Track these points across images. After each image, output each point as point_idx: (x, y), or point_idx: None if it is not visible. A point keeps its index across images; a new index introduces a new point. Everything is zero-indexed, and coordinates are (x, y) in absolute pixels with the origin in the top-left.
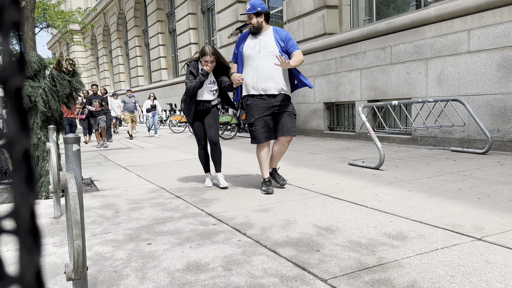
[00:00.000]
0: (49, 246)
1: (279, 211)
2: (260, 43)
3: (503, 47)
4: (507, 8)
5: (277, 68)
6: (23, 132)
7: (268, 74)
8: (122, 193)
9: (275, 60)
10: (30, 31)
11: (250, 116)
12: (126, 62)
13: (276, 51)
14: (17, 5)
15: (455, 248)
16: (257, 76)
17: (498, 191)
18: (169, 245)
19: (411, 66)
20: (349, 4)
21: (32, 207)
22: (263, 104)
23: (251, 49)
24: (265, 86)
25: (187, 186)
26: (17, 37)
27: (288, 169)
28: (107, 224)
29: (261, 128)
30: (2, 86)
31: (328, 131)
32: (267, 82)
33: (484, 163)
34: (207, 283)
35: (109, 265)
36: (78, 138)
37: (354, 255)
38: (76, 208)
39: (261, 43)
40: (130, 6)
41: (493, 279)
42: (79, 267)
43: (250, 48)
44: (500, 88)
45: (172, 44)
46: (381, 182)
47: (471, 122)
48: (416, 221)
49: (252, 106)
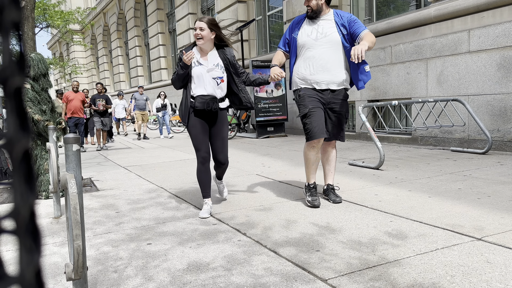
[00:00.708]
0: (49, 246)
1: (279, 211)
2: (318, 29)
3: (503, 47)
4: (507, 8)
5: (336, 58)
6: (23, 132)
7: (324, 65)
8: (122, 193)
9: (334, 49)
10: (30, 31)
11: (303, 107)
12: (126, 62)
13: (337, 39)
14: (17, 5)
15: (455, 248)
16: (311, 67)
17: (498, 191)
18: (170, 245)
19: (411, 66)
20: (349, 4)
21: (32, 207)
22: (318, 96)
23: (306, 35)
24: (319, 79)
25: (187, 186)
26: (17, 37)
27: (288, 169)
28: (107, 224)
29: (318, 119)
30: (2, 86)
31: None
32: (322, 74)
33: (484, 163)
34: (207, 283)
35: (109, 265)
36: (78, 138)
37: (354, 255)
38: (76, 208)
39: (319, 29)
40: (130, 6)
41: (493, 279)
42: (79, 267)
43: (306, 35)
44: (500, 88)
45: (172, 44)
46: (381, 182)
47: (471, 122)
48: (416, 221)
49: (306, 97)
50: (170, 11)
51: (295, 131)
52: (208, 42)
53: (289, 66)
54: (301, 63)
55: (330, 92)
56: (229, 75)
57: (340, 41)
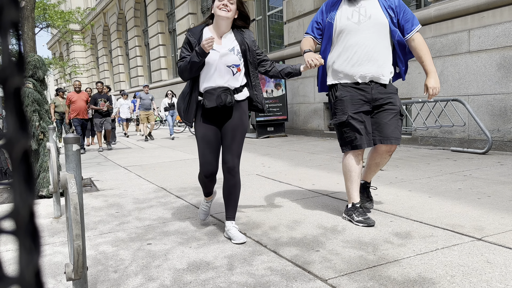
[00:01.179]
0: (49, 246)
1: (279, 211)
2: (360, 11)
3: (503, 47)
4: (507, 8)
5: (383, 45)
6: (23, 132)
7: (370, 54)
8: (122, 193)
9: (381, 34)
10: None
11: (341, 112)
12: (126, 62)
13: (384, 21)
14: (17, 5)
15: (455, 248)
16: (354, 57)
17: (498, 191)
18: (170, 245)
19: (411, 66)
20: None
21: (32, 207)
22: (360, 96)
23: (346, 19)
24: (364, 71)
25: (187, 186)
26: (16, 37)
27: (288, 169)
28: (107, 224)
29: (359, 128)
30: (1, 86)
31: (328, 131)
32: (368, 65)
33: (484, 163)
34: (208, 283)
35: (109, 265)
36: (78, 138)
37: (355, 255)
38: (76, 208)
39: (361, 10)
40: (130, 6)
41: (493, 279)
42: (79, 267)
43: (346, 18)
44: (500, 88)
45: (172, 44)
46: (381, 182)
47: (471, 122)
48: (416, 221)
49: (344, 99)
50: (170, 11)
51: (295, 131)
52: (230, 21)
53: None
54: (340, 53)
55: (377, 86)
56: (244, 65)
57: (388, 24)
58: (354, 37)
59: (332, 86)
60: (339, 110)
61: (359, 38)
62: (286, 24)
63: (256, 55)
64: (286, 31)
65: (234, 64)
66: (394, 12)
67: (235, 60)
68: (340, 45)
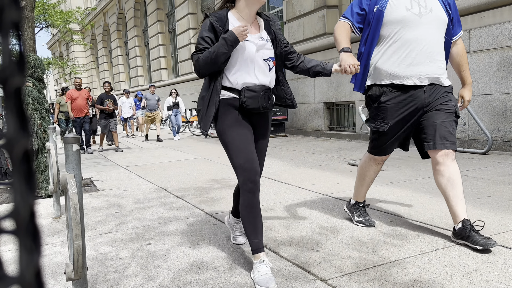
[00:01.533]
0: (49, 246)
1: (279, 211)
2: (420, 1)
3: (503, 47)
4: (507, 8)
5: (442, 44)
6: (23, 132)
7: (429, 52)
8: (122, 193)
9: (441, 31)
10: (30, 31)
11: (382, 120)
12: (126, 62)
13: (444, 16)
14: (17, 5)
15: (455, 248)
16: (412, 55)
17: (498, 191)
18: (170, 245)
19: None
20: (349, 4)
21: (32, 207)
22: (410, 104)
23: (405, 9)
24: (423, 72)
25: (187, 186)
26: (16, 37)
27: (288, 169)
28: (107, 224)
29: (392, 137)
30: (1, 86)
31: (328, 131)
32: (427, 65)
33: (484, 163)
34: (208, 283)
35: (109, 265)
36: (78, 138)
37: (355, 255)
38: (76, 208)
39: (420, 2)
40: (130, 6)
41: (494, 279)
42: (79, 267)
43: (404, 8)
44: (500, 88)
45: (172, 44)
46: (381, 182)
47: (471, 122)
48: (417, 221)
49: (389, 106)
50: (170, 11)
51: (295, 131)
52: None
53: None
54: (395, 49)
55: (431, 88)
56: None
57: (447, 21)
58: (413, 31)
59: (375, 87)
60: (380, 118)
61: (420, 33)
62: (286, 24)
63: (284, 46)
64: (286, 31)
65: (270, 57)
66: (451, 9)
67: (270, 52)
68: (393, 39)
